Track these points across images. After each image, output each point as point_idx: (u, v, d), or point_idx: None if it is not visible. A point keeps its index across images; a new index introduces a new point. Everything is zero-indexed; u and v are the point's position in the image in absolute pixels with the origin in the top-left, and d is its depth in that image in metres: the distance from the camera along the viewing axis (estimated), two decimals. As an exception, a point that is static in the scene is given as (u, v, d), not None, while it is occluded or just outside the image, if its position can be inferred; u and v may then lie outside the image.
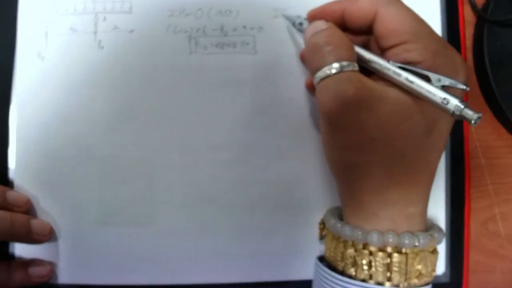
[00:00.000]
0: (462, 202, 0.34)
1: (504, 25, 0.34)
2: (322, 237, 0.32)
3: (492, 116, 0.36)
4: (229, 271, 0.33)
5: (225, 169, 0.32)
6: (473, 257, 0.35)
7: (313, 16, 0.28)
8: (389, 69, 0.24)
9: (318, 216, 0.33)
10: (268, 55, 0.33)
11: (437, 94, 0.22)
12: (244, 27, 0.33)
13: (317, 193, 0.33)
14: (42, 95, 0.32)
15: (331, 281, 0.26)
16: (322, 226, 0.32)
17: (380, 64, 0.25)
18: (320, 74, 0.24)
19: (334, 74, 0.24)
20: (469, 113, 0.22)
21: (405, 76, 0.23)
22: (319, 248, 0.33)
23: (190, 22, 0.32)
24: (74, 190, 0.32)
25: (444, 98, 0.22)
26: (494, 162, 0.35)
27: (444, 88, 0.23)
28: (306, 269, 0.32)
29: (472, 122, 0.21)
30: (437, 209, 0.33)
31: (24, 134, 0.32)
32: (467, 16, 0.36)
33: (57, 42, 0.32)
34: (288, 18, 0.31)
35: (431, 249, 0.26)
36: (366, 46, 0.27)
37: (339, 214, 0.29)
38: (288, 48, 0.33)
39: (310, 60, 0.26)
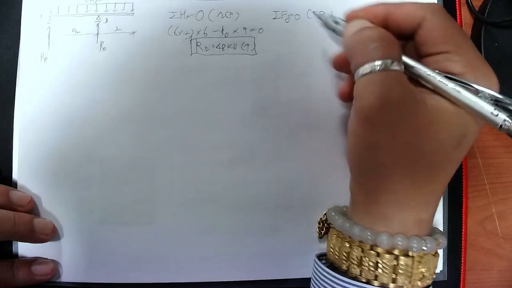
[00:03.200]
0: (460, 202, 0.34)
1: (501, 27, 0.34)
2: (321, 236, 0.32)
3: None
4: (229, 270, 0.33)
5: (225, 169, 0.33)
6: (471, 256, 0.35)
7: (355, 16, 0.27)
8: (435, 77, 0.24)
9: (318, 215, 0.33)
10: (268, 56, 0.33)
11: (485, 107, 0.23)
12: (244, 28, 0.33)
13: (317, 193, 0.33)
14: (44, 96, 0.32)
15: (332, 281, 0.26)
16: (321, 225, 0.32)
17: (425, 71, 0.24)
18: (366, 68, 0.24)
19: (380, 70, 0.23)
20: None
21: (453, 86, 0.23)
22: (318, 247, 0.33)
23: (191, 24, 0.33)
24: (76, 189, 0.32)
25: (494, 109, 0.22)
26: (491, 162, 0.36)
27: (491, 100, 0.23)
28: (306, 267, 0.33)
29: None
30: (435, 208, 0.34)
31: (27, 135, 0.32)
32: (465, 18, 0.36)
33: (59, 43, 0.33)
34: (320, 17, 0.30)
35: (434, 252, 0.26)
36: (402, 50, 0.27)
37: (342, 213, 0.29)
38: (288, 49, 0.33)
39: (353, 54, 0.25)
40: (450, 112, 0.24)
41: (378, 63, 0.23)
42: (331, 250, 0.28)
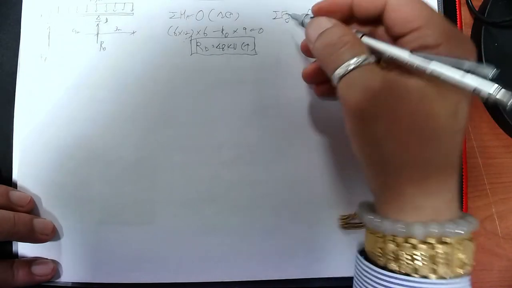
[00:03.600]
0: (460, 201, 0.34)
1: (501, 27, 0.35)
2: (348, 228, 0.32)
3: (489, 116, 0.36)
4: (229, 270, 0.33)
5: (225, 169, 0.33)
6: (471, 256, 0.35)
7: (320, 9, 0.27)
8: (413, 64, 0.24)
9: (319, 215, 0.33)
10: (268, 56, 0.33)
11: (470, 83, 0.22)
12: (244, 28, 0.33)
13: (317, 193, 0.33)
14: (44, 96, 0.32)
15: (374, 276, 0.25)
16: (343, 222, 0.32)
17: (397, 54, 0.24)
18: (340, 71, 0.24)
19: (354, 69, 0.24)
20: (506, 95, 0.21)
21: (431, 69, 0.23)
22: (319, 247, 0.33)
23: (191, 24, 0.33)
24: (76, 189, 0.32)
25: (475, 89, 0.22)
26: (491, 162, 0.36)
27: (470, 72, 0.22)
28: (306, 267, 0.33)
29: (509, 104, 0.21)
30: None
31: (27, 135, 0.32)
32: (465, 18, 0.36)
33: (59, 43, 0.33)
34: (294, 17, 0.31)
35: (469, 237, 0.25)
36: (373, 35, 0.27)
37: (372, 208, 0.27)
38: (288, 49, 0.33)
39: (325, 62, 0.26)
40: (431, 86, 0.23)
41: (351, 61, 0.24)
42: (367, 245, 0.27)
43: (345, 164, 0.33)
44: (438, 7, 0.34)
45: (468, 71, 0.22)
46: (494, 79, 0.22)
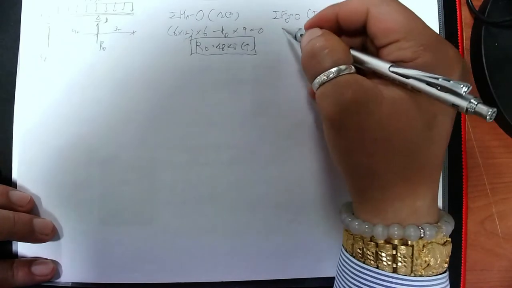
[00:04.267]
0: (460, 202, 0.34)
1: (502, 27, 0.34)
2: None
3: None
4: (229, 270, 0.33)
5: (225, 169, 0.33)
6: (471, 256, 0.35)
7: (310, 25, 0.28)
8: (384, 70, 0.24)
9: (318, 215, 0.33)
10: (268, 56, 0.33)
11: (447, 98, 0.22)
12: (244, 28, 0.33)
13: (316, 193, 0.33)
14: (44, 96, 0.32)
15: (350, 266, 0.27)
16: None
17: (374, 65, 0.25)
18: (318, 80, 0.25)
19: (332, 78, 0.24)
20: (484, 109, 0.21)
21: (411, 84, 0.23)
22: (318, 247, 0.33)
23: (191, 24, 0.33)
24: (76, 189, 0.32)
25: (453, 104, 0.22)
26: (491, 162, 0.36)
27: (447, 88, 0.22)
28: (306, 267, 0.33)
29: (488, 117, 0.21)
30: (435, 208, 0.34)
31: (27, 134, 0.32)
32: (465, 18, 0.36)
33: (59, 43, 0.33)
34: (288, 31, 0.32)
35: (442, 241, 0.26)
36: (363, 47, 0.28)
37: (350, 209, 0.29)
38: (288, 49, 0.33)
39: (307, 66, 0.26)
40: (405, 100, 0.24)
41: (331, 70, 0.24)
42: (343, 241, 0.29)
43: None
44: (438, 7, 0.34)
45: (440, 87, 0.22)
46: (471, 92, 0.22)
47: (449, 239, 0.27)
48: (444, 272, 0.26)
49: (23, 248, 0.32)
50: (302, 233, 0.33)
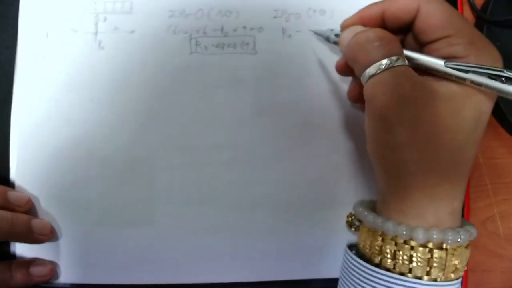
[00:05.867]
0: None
1: (503, 26, 0.34)
2: (355, 229, 0.32)
3: (491, 116, 0.36)
4: (229, 271, 0.33)
5: (225, 169, 0.32)
6: (472, 257, 0.35)
7: (351, 23, 0.28)
8: (440, 65, 0.24)
9: (319, 215, 0.33)
10: (268, 55, 0.33)
11: (496, 84, 0.23)
12: (244, 27, 0.33)
13: (317, 193, 0.33)
14: (42, 95, 0.32)
15: (366, 273, 0.26)
16: (350, 220, 0.32)
17: (430, 60, 0.25)
18: (371, 70, 0.24)
19: (385, 69, 0.24)
20: None
21: (471, 79, 0.23)
22: (319, 248, 0.33)
23: (190, 23, 0.33)
24: (74, 190, 0.32)
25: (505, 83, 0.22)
26: (493, 162, 0.36)
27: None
28: (306, 268, 0.33)
29: None
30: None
31: (25, 134, 0.32)
32: (467, 17, 0.36)
33: (57, 42, 0.32)
34: (319, 33, 0.31)
35: (466, 244, 0.26)
36: (403, 45, 0.27)
37: (369, 207, 0.29)
38: (288, 48, 0.33)
39: (356, 58, 0.26)
40: (461, 95, 0.24)
41: (383, 62, 0.24)
42: (362, 243, 0.28)
43: (345, 165, 0.33)
44: (439, 6, 0.34)
45: (506, 79, 0.23)
46: None
47: (469, 242, 0.26)
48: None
49: (21, 249, 0.32)
50: (302, 234, 0.33)
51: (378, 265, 0.26)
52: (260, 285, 0.33)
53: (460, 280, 0.26)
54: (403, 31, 0.27)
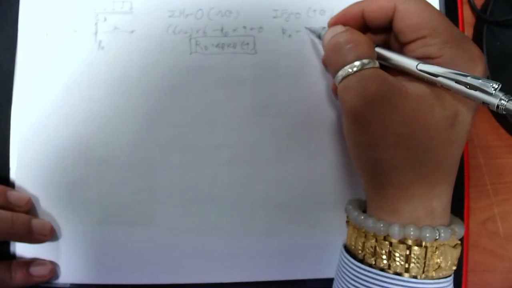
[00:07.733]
0: (462, 202, 0.34)
1: (503, 26, 0.34)
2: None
3: (491, 116, 0.36)
4: (228, 271, 0.33)
5: (225, 169, 0.32)
6: (472, 257, 0.35)
7: (334, 23, 0.29)
8: (410, 66, 0.25)
9: (318, 215, 0.33)
10: (268, 55, 0.33)
11: (478, 96, 0.23)
12: (244, 27, 0.33)
13: (316, 193, 0.33)
14: (42, 95, 0.32)
15: (351, 267, 0.27)
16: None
17: (400, 61, 0.25)
18: (342, 73, 0.25)
19: (356, 72, 0.24)
20: None
21: (440, 83, 0.24)
22: (319, 248, 0.33)
23: (190, 23, 0.33)
24: (74, 190, 0.32)
25: (483, 102, 0.23)
26: (493, 162, 0.36)
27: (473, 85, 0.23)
28: (306, 268, 0.33)
29: None
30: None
31: (25, 135, 0.32)
32: (467, 17, 0.36)
33: (57, 42, 0.32)
34: (312, 31, 0.32)
35: (453, 244, 0.26)
36: (387, 44, 0.28)
37: (360, 205, 0.29)
38: (288, 48, 0.33)
39: (330, 60, 0.26)
40: (431, 95, 0.24)
41: (354, 64, 0.25)
42: (349, 240, 0.28)
43: (345, 165, 0.33)
44: (439, 6, 0.34)
45: (469, 85, 0.23)
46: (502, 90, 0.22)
47: (459, 242, 0.27)
48: (451, 274, 0.26)
49: (21, 249, 0.32)
50: (302, 234, 0.33)
51: (361, 261, 0.27)
52: (260, 286, 0.33)
53: (449, 279, 0.26)
54: (387, 31, 0.27)
